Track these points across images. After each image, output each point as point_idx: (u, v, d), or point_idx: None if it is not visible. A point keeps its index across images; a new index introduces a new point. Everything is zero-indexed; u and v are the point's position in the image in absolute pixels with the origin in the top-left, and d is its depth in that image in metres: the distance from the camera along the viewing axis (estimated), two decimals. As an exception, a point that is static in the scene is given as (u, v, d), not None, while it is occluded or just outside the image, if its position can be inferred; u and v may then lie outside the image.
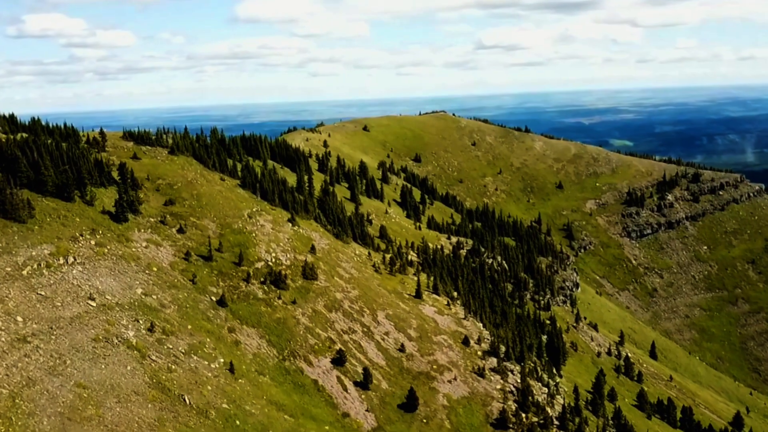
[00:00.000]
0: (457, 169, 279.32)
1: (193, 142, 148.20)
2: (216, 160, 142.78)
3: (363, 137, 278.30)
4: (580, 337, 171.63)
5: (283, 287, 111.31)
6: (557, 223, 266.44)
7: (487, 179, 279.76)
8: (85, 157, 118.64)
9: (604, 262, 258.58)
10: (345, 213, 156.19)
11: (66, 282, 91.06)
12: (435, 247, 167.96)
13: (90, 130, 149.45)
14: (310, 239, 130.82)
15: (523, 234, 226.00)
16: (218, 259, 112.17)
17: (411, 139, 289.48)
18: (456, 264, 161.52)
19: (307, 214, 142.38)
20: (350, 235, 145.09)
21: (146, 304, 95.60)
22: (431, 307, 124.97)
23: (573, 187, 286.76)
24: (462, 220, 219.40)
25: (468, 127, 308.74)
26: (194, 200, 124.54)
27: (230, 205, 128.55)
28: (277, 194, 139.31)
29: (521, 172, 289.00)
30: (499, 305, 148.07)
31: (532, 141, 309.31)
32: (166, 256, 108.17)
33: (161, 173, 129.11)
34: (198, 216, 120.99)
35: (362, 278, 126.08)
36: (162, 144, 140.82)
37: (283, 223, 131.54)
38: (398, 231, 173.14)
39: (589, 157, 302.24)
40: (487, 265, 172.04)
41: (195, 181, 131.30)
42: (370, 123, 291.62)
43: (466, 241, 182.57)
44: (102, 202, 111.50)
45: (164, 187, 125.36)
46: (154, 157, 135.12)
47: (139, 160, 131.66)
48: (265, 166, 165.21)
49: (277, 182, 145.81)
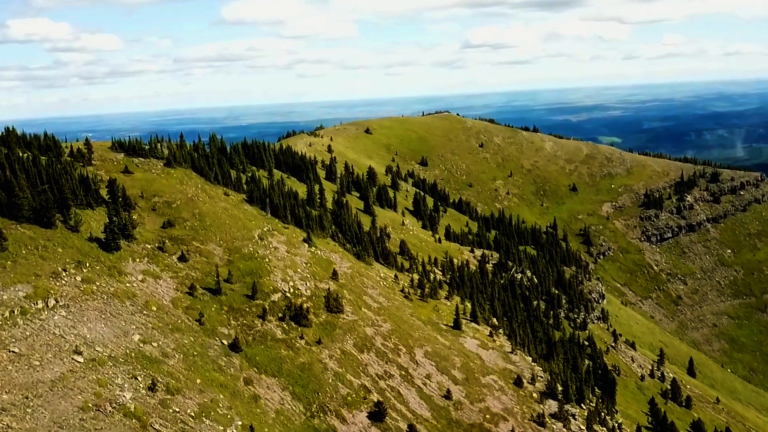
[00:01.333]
0: (466, 173, 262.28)
1: (191, 152, 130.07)
2: (218, 172, 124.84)
3: (366, 140, 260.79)
4: (621, 358, 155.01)
5: (305, 324, 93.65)
6: (573, 228, 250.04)
7: (498, 182, 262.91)
8: (68, 174, 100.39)
9: (625, 269, 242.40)
10: (362, 228, 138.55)
11: (46, 333, 73.11)
12: (460, 263, 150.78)
13: (76, 139, 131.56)
14: (330, 262, 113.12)
15: (543, 242, 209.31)
16: (228, 292, 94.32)
17: (416, 141, 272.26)
18: (485, 282, 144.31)
19: (322, 231, 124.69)
20: (371, 253, 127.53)
21: (146, 354, 77.73)
22: (473, 339, 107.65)
23: (587, 189, 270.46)
24: (478, 228, 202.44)
25: (474, 127, 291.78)
26: (196, 221, 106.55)
27: (238, 225, 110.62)
28: (288, 210, 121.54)
29: (532, 175, 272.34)
30: (540, 330, 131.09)
31: (542, 141, 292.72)
32: (166, 290, 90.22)
33: (157, 189, 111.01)
34: (202, 240, 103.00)
35: (392, 307, 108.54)
36: (156, 155, 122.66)
37: (299, 244, 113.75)
38: (418, 245, 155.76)
39: (602, 157, 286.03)
40: (516, 281, 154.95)
41: (196, 197, 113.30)
42: (372, 125, 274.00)
43: (490, 254, 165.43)
44: (89, 226, 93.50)
45: (161, 205, 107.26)
46: (149, 171, 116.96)
47: (131, 174, 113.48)
48: (271, 176, 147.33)
49: (288, 196, 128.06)
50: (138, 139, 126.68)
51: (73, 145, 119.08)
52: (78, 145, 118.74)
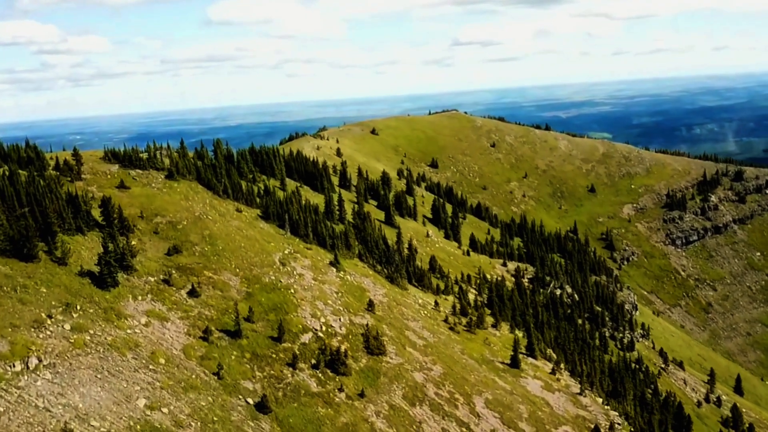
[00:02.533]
0: (479, 174, 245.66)
1: (196, 162, 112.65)
2: (227, 185, 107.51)
3: (372, 142, 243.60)
4: (672, 382, 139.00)
5: (343, 371, 76.71)
6: (594, 232, 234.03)
7: (513, 184, 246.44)
8: (53, 192, 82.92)
9: (651, 275, 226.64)
10: (388, 244, 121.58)
11: (26, 406, 56.27)
12: (494, 279, 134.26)
13: (62, 148, 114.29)
14: (363, 289, 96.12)
15: (569, 249, 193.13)
16: (250, 335, 77.20)
17: (424, 142, 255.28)
18: (525, 301, 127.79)
19: (348, 250, 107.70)
20: (404, 275, 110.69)
21: (154, 425, 60.74)
22: (535, 380, 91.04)
23: (606, 190, 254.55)
24: (501, 236, 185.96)
25: (485, 126, 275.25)
26: (207, 244, 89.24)
27: (255, 248, 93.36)
28: (310, 227, 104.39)
29: (548, 176, 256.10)
30: (598, 358, 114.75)
31: (556, 140, 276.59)
32: (176, 336, 73.01)
33: (159, 207, 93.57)
34: (215, 268, 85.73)
35: (440, 344, 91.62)
36: (156, 165, 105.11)
37: (325, 269, 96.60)
38: (446, 260, 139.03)
39: (619, 156, 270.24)
40: (556, 298, 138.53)
41: (205, 215, 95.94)
42: (378, 125, 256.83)
43: (525, 268, 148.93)
44: (79, 257, 76.27)
45: (165, 227, 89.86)
46: (148, 185, 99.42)
47: (127, 189, 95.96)
48: (283, 186, 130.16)
49: (307, 209, 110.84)
50: (134, 148, 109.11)
51: (59, 155, 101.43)
52: (65, 156, 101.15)
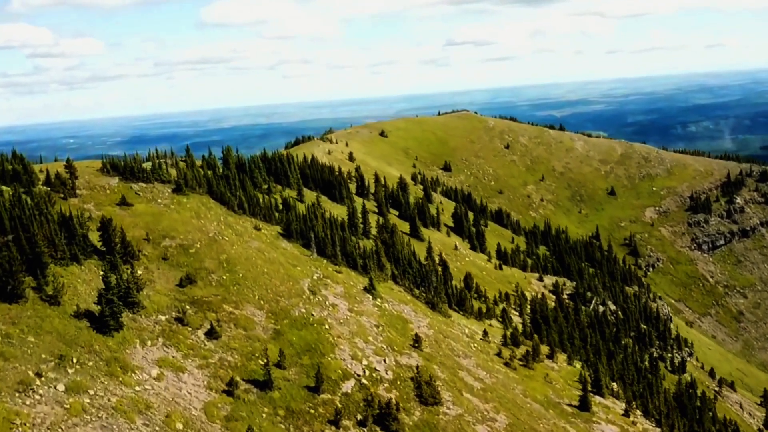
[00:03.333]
0: (494, 178, 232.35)
1: (206, 172, 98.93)
2: (243, 198, 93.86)
3: (382, 144, 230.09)
4: (729, 407, 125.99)
5: (395, 429, 63.14)
6: (617, 237, 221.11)
7: (530, 188, 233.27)
8: (43, 213, 69.17)
9: (677, 282, 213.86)
10: (420, 260, 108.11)
11: (8, 508, 42.32)
12: (534, 297, 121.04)
13: (54, 158, 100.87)
14: (405, 320, 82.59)
15: (598, 258, 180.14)
16: (282, 385, 63.61)
17: (435, 144, 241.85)
18: (571, 322, 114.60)
19: (381, 272, 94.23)
20: (443, 298, 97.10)
21: None
22: (609, 425, 77.74)
23: (627, 192, 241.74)
24: (527, 245, 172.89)
25: (497, 127, 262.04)
26: (225, 271, 75.56)
27: (280, 274, 79.72)
28: (338, 246, 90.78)
29: (566, 178, 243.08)
30: (657, 388, 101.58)
31: (572, 140, 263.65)
32: (195, 391, 59.33)
33: (168, 228, 79.83)
34: (235, 301, 72.08)
35: (498, 385, 78.09)
36: (162, 177, 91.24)
37: (360, 296, 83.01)
38: (479, 275, 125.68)
39: (638, 156, 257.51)
40: (599, 316, 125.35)
41: (220, 236, 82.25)
42: (387, 127, 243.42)
43: (563, 283, 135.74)
44: (75, 294, 62.72)
45: (175, 251, 76.14)
46: (153, 201, 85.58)
47: (130, 207, 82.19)
48: (301, 197, 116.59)
49: (334, 225, 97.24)
50: (136, 157, 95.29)
51: (50, 167, 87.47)
52: (57, 168, 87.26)
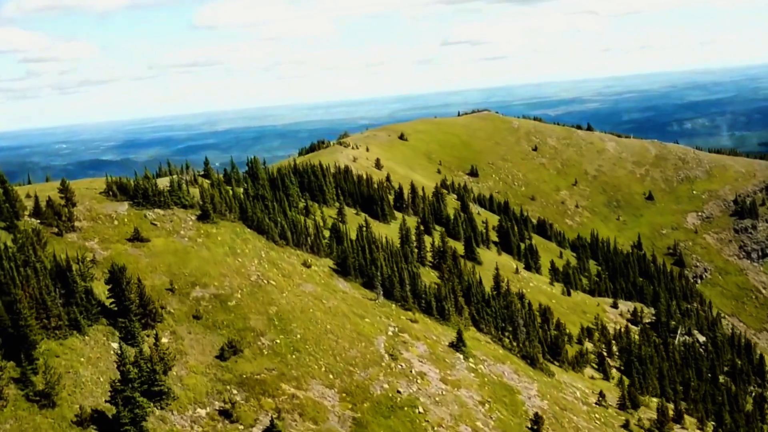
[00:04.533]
0: (524, 183, 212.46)
1: (234, 190, 78.63)
2: (283, 224, 73.42)
3: (402, 148, 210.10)
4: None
5: None
6: (659, 246, 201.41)
7: (563, 193, 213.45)
8: (29, 261, 49.21)
9: (728, 295, 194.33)
10: (490, 293, 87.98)
11: None
12: (616, 331, 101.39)
13: (45, 178, 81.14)
14: (509, 389, 62.79)
15: (653, 272, 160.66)
16: None
17: (458, 147, 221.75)
18: (662, 359, 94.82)
19: (460, 316, 73.98)
20: (536, 345, 76.82)
21: None
22: None
23: (665, 197, 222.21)
24: (578, 259, 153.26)
25: (522, 127, 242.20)
26: (277, 332, 55.48)
27: (345, 330, 59.59)
28: (408, 283, 70.59)
29: (599, 182, 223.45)
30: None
31: (602, 141, 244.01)
32: None
33: (197, 271, 59.59)
34: (297, 376, 52.03)
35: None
36: (183, 201, 70.82)
37: (449, 357, 63.11)
38: (550, 304, 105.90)
39: (674, 158, 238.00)
40: (690, 349, 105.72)
41: (264, 279, 62.10)
42: (406, 130, 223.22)
43: (641, 310, 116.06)
44: (76, 385, 42.89)
45: (209, 305, 55.91)
46: (175, 232, 65.19)
47: (146, 243, 61.83)
48: (341, 216, 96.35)
49: (397, 256, 77.11)
50: (148, 176, 75.09)
51: (40, 191, 67.10)
52: (49, 191, 67.06)
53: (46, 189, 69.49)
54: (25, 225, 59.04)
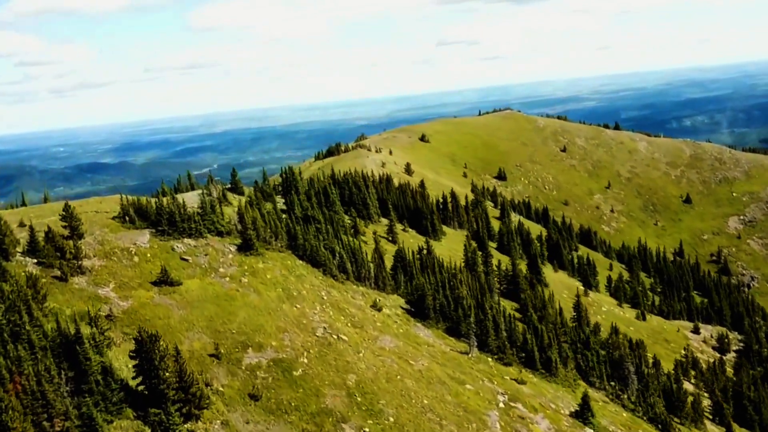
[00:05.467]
0: (555, 186, 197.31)
1: (277, 213, 63.02)
2: (341, 252, 57.88)
3: (424, 150, 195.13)
4: None
5: None
6: (702, 253, 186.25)
7: (596, 197, 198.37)
8: (23, 332, 33.20)
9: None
10: (579, 328, 72.52)
11: None
12: (710, 365, 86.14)
13: (43, 191, 65.66)
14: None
15: (708, 284, 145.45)
16: None
17: (482, 148, 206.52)
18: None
19: (565, 367, 58.51)
20: (657, 400, 61.10)
21: None
22: None
23: (704, 200, 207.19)
24: (631, 274, 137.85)
25: (548, 127, 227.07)
26: (363, 414, 40.32)
27: (446, 406, 44.26)
28: (504, 331, 55.15)
29: (633, 184, 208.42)
30: None
31: (633, 141, 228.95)
32: None
33: (247, 325, 44.18)
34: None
35: None
36: (216, 226, 55.16)
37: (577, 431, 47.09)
38: (629, 332, 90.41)
39: (710, 158, 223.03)
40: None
41: (331, 332, 46.99)
42: (426, 131, 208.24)
43: (725, 334, 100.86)
44: None
45: (268, 376, 40.61)
46: (212, 270, 49.83)
47: (177, 287, 46.29)
48: (391, 235, 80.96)
49: (482, 292, 61.49)
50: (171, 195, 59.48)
51: (35, 218, 51.56)
52: (48, 216, 51.56)
53: (45, 213, 54.02)
54: (18, 267, 43.64)
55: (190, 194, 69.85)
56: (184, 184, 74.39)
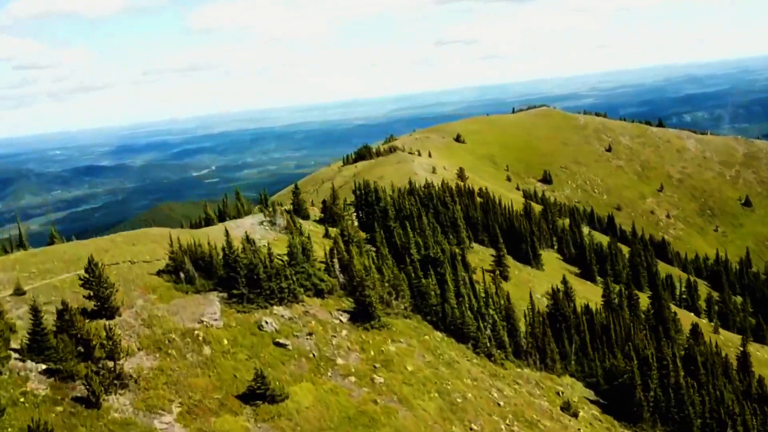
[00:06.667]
0: (605, 190, 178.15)
1: (382, 252, 42.96)
2: (492, 318, 37.61)
3: (461, 152, 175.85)
4: None
5: None
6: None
7: (649, 201, 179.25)
8: None
9: None
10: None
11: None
12: None
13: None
14: None
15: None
16: None
17: (523, 149, 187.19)
18: None
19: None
20: None
21: None
22: None
23: (764, 202, 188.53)
24: (722, 294, 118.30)
25: (589, 125, 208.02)
26: None
27: None
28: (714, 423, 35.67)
29: (686, 186, 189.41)
30: None
31: (680, 139, 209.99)
32: None
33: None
34: None
35: None
36: (312, 282, 35.14)
37: None
38: None
39: (766, 156, 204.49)
40: None
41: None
42: (460, 130, 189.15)
43: None
44: None
45: None
46: (327, 361, 30.33)
47: (279, 404, 26.17)
48: (502, 267, 61.06)
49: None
50: (252, 240, 39.43)
51: (39, 282, 31.15)
52: (60, 277, 31.58)
53: (53, 265, 34.41)
54: (12, 383, 23.91)
55: (248, 221, 50.60)
56: (232, 205, 54.69)
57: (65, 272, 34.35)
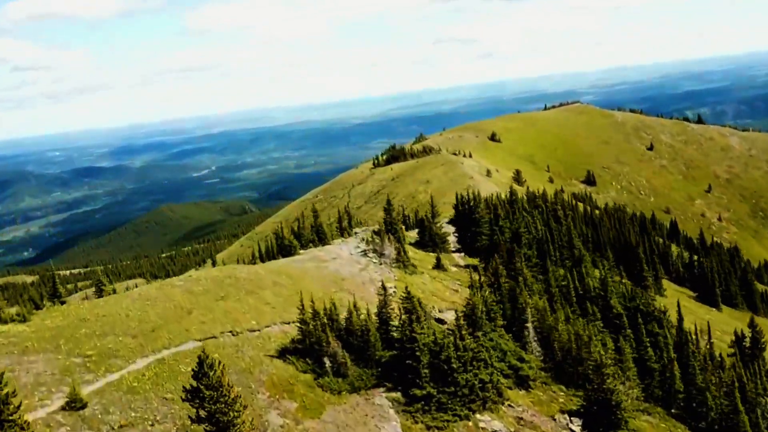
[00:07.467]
0: (651, 191, 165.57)
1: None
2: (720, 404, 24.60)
3: (498, 151, 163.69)
4: None
5: None
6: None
7: (698, 203, 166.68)
8: None
9: None
10: None
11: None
12: None
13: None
14: None
15: None
16: None
17: (561, 148, 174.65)
18: None
19: None
20: None
21: None
22: None
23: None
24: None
25: (627, 122, 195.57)
26: None
27: None
28: None
29: (735, 187, 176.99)
30: None
31: (723, 136, 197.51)
32: None
33: None
34: None
35: None
36: (509, 361, 21.75)
37: None
38: None
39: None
40: None
41: None
42: (495, 129, 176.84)
43: None
44: None
45: None
46: None
47: None
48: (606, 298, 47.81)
49: None
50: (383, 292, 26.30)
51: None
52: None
53: (108, 332, 21.40)
54: None
55: (344, 250, 38.08)
56: (329, 229, 41.88)
57: (140, 356, 21.70)
